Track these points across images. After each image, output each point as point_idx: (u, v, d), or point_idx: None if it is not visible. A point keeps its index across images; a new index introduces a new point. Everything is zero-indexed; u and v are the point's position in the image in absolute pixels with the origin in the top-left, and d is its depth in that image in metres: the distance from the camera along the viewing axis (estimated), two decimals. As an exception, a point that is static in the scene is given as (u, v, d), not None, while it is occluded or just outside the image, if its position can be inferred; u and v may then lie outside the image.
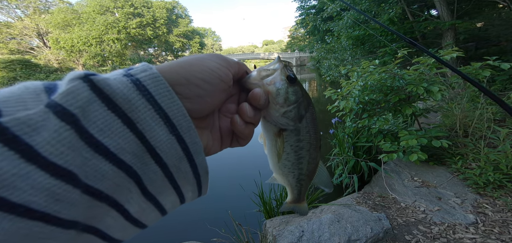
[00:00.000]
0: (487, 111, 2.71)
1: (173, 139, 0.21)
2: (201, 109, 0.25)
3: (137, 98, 0.20)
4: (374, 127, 2.65)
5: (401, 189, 2.23)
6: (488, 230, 1.53)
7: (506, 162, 2.01)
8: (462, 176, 2.20)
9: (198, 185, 0.25)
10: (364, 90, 2.52)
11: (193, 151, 0.23)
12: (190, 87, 0.24)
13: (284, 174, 0.39)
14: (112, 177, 0.18)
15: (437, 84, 2.27)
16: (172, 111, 0.21)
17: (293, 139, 0.34)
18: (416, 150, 2.21)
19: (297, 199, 0.46)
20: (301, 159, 0.36)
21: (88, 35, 33.71)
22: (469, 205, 1.84)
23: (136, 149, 0.20)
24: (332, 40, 7.47)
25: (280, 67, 0.31)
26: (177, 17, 46.86)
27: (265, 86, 0.30)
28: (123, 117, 0.19)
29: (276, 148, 0.35)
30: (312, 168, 0.39)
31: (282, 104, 0.31)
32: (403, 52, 2.42)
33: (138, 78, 0.21)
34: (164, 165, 0.21)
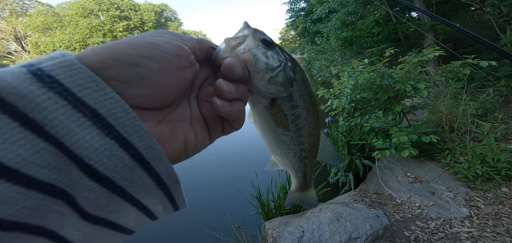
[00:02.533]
0: (469, 107, 2.84)
1: (113, 144, 0.16)
2: (154, 94, 0.20)
3: (39, 92, 0.14)
4: (366, 125, 2.68)
5: (395, 185, 2.25)
6: (482, 223, 1.57)
7: (492, 155, 2.09)
8: (452, 170, 2.26)
9: (169, 197, 0.21)
10: (355, 89, 2.56)
11: (149, 158, 0.18)
12: (124, 68, 0.19)
13: (283, 153, 0.34)
14: (17, 200, 0.13)
15: (423, 81, 2.35)
16: (104, 107, 0.16)
17: (286, 107, 0.30)
18: (407, 146, 2.26)
19: (303, 184, 0.41)
20: (300, 130, 0.32)
21: (71, 39, 32.63)
22: (461, 199, 1.88)
23: (53, 161, 0.15)
24: (322, 42, 7.67)
25: (251, 32, 0.28)
26: (166, 20, 46.36)
27: (239, 56, 0.26)
28: (21, 118, 0.14)
29: (270, 123, 0.31)
30: (313, 141, 0.35)
31: (265, 70, 0.27)
32: (390, 51, 2.49)
33: (41, 67, 0.15)
34: (104, 179, 0.16)
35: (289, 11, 13.70)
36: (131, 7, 39.49)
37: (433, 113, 3.13)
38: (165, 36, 0.22)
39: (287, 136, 0.32)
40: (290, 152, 0.34)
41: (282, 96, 0.29)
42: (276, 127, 0.31)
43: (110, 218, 0.18)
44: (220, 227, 2.08)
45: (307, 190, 0.44)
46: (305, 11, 12.01)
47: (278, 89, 0.28)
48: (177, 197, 0.22)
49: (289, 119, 0.31)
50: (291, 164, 0.37)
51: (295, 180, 0.42)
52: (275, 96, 0.29)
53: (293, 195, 0.46)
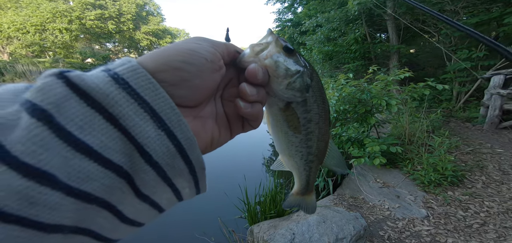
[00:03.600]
0: (423, 124, 3.39)
1: (163, 135, 0.20)
2: (192, 94, 0.24)
3: (117, 92, 0.18)
4: (344, 135, 2.96)
5: (368, 189, 2.54)
6: (437, 221, 1.90)
7: (441, 164, 2.54)
8: (412, 177, 2.66)
9: (195, 182, 0.24)
10: (338, 100, 2.81)
11: (187, 147, 0.22)
12: (172, 72, 0.22)
13: (291, 154, 0.36)
14: (100, 177, 0.17)
15: (394, 98, 2.72)
16: (158, 104, 0.20)
17: (300, 110, 0.32)
18: (378, 156, 2.58)
19: (305, 188, 0.41)
20: (310, 134, 0.33)
21: (25, 21, 27.69)
22: (420, 201, 2.23)
23: (123, 148, 0.18)
24: (305, 53, 8.14)
25: (274, 39, 0.30)
26: (148, 14, 42.74)
27: (262, 61, 0.28)
28: (104, 113, 0.18)
29: (282, 124, 0.33)
30: (322, 146, 0.36)
31: (284, 76, 0.29)
32: (373, 68, 2.80)
33: (116, 71, 0.19)
34: (155, 164, 0.20)
35: (276, 21, 14.09)
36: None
37: (396, 127, 3.62)
38: (201, 42, 0.25)
39: (297, 138, 0.33)
40: (297, 154, 0.35)
41: (298, 101, 0.31)
42: (288, 129, 0.33)
43: (153, 197, 0.21)
44: (207, 231, 2.03)
45: (307, 194, 0.44)
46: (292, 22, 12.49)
47: (294, 94, 0.30)
48: (201, 182, 0.25)
49: (301, 122, 0.32)
50: (297, 166, 0.37)
51: (297, 183, 0.42)
52: (291, 100, 0.31)
53: (293, 198, 0.45)
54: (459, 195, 2.30)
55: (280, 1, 12.70)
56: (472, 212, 2.06)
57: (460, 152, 3.28)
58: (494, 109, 3.88)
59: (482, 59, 4.48)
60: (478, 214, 2.03)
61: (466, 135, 3.92)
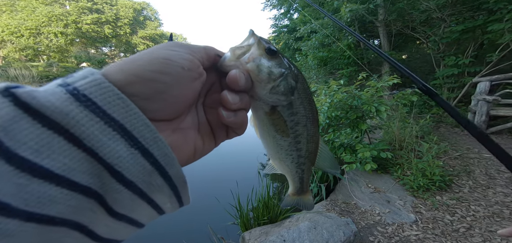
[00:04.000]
0: (413, 130, 3.48)
1: (137, 154, 0.19)
2: (170, 106, 0.23)
3: (78, 110, 0.17)
4: (337, 141, 3.00)
5: (359, 195, 2.58)
6: (425, 226, 1.94)
7: (429, 169, 2.60)
8: (402, 182, 2.72)
9: (177, 196, 0.24)
10: (330, 107, 2.86)
11: (165, 164, 0.21)
12: (144, 84, 0.21)
13: (281, 158, 0.35)
14: (65, 200, 0.16)
15: (383, 105, 2.79)
16: (130, 122, 0.19)
17: (286, 113, 0.31)
18: (369, 161, 2.63)
19: (300, 189, 0.41)
20: (299, 137, 0.33)
21: (20, 25, 27.42)
22: (409, 206, 2.28)
23: (90, 168, 0.17)
24: (301, 59, 8.26)
25: (256, 41, 0.28)
26: (145, 18, 42.62)
27: (243, 65, 0.27)
28: (64, 133, 0.16)
29: (269, 128, 0.32)
30: (312, 148, 0.35)
31: (268, 80, 0.28)
32: (363, 75, 2.87)
33: (76, 86, 0.18)
34: (129, 183, 0.19)
35: (273, 26, 14.30)
36: (106, 1, 35.25)
37: (387, 133, 3.69)
38: (176, 49, 0.23)
39: (285, 141, 0.32)
40: (288, 157, 0.35)
41: (283, 104, 0.30)
42: (275, 133, 0.32)
43: (130, 215, 0.21)
44: (197, 238, 2.02)
45: (303, 194, 0.44)
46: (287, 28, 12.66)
47: (279, 98, 0.29)
48: (183, 195, 0.24)
49: (289, 125, 0.31)
50: (289, 169, 0.37)
51: (291, 185, 0.42)
52: (276, 104, 0.30)
53: (289, 198, 0.45)
54: (446, 199, 2.36)
55: (276, 8, 12.92)
56: (459, 216, 2.12)
57: (448, 157, 3.37)
58: (481, 115, 4.01)
59: (468, 66, 4.64)
60: (465, 218, 2.08)
61: (454, 140, 4.03)
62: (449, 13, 4.54)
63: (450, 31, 4.59)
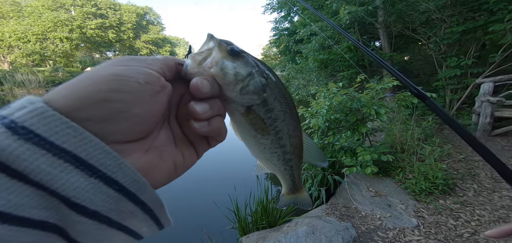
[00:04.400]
0: (415, 132, 3.42)
1: (98, 183, 0.18)
2: (135, 125, 0.21)
3: (16, 144, 0.15)
4: (337, 144, 2.97)
5: (360, 199, 2.53)
6: (427, 231, 1.89)
7: (432, 173, 2.54)
8: (403, 186, 2.66)
9: (154, 219, 0.22)
10: (329, 109, 2.83)
11: (135, 190, 0.20)
12: (97, 106, 0.19)
13: (267, 157, 0.34)
14: (15, 238, 0.15)
15: (383, 107, 2.75)
16: (85, 150, 0.17)
17: (262, 111, 0.30)
18: (370, 164, 2.59)
19: (293, 187, 0.41)
20: (280, 133, 0.32)
21: (27, 30, 28.24)
22: (411, 210, 2.22)
23: (43, 202, 0.16)
24: (302, 61, 8.25)
25: (216, 44, 0.27)
26: (148, 23, 43.49)
27: (206, 71, 0.26)
28: (5, 169, 0.15)
29: (248, 129, 0.31)
30: (295, 142, 0.34)
31: (235, 81, 0.27)
32: (361, 77, 2.85)
33: (14, 119, 0.16)
34: (92, 213, 0.18)
35: (273, 29, 14.41)
36: (110, 6, 36.14)
37: (388, 135, 3.64)
38: (128, 64, 0.22)
39: (267, 140, 0.32)
40: (273, 156, 0.34)
41: (257, 103, 0.29)
42: (255, 132, 0.31)
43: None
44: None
45: (298, 192, 0.43)
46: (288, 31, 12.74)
47: (251, 98, 0.28)
48: (161, 218, 0.23)
49: (267, 123, 0.30)
50: (277, 168, 0.36)
51: (284, 184, 0.41)
52: (250, 104, 0.29)
53: (285, 198, 0.45)
54: (450, 203, 2.30)
55: (276, 11, 13.01)
56: (463, 221, 2.05)
57: (452, 160, 3.29)
58: (485, 117, 3.93)
59: (471, 67, 4.57)
60: (469, 223, 2.02)
61: (458, 143, 3.95)
62: (449, 14, 4.50)
63: (450, 32, 4.53)
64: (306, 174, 3.00)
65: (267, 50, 23.04)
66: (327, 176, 2.82)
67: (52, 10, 32.24)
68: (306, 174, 3.02)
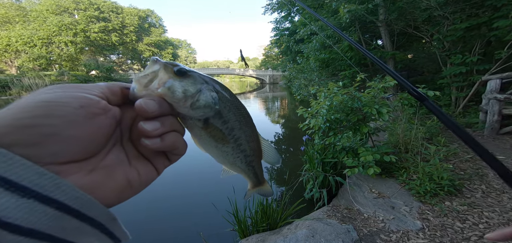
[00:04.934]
0: (419, 131, 3.33)
1: (32, 202, 0.18)
2: (72, 147, 0.21)
3: None
4: (338, 144, 2.91)
5: (362, 200, 2.46)
6: (432, 234, 1.82)
7: (437, 173, 2.46)
8: (407, 187, 2.58)
9: (106, 233, 0.22)
10: (330, 109, 2.78)
11: (78, 207, 0.20)
12: (22, 132, 0.19)
13: (230, 162, 0.37)
14: None
15: (385, 106, 2.69)
16: (15, 173, 0.18)
17: (219, 123, 0.32)
18: (372, 165, 2.52)
19: (257, 182, 0.45)
20: (239, 140, 0.34)
21: (32, 35, 29.23)
22: (415, 212, 2.15)
23: None
24: (303, 61, 8.19)
25: (162, 66, 0.28)
26: (150, 25, 44.21)
27: (155, 93, 0.27)
28: None
29: (209, 141, 0.33)
30: (254, 146, 0.38)
31: (183, 98, 0.28)
32: (361, 76, 2.79)
33: None
34: (29, 231, 0.17)
35: (274, 30, 14.42)
36: (112, 9, 36.93)
37: (392, 135, 3.56)
38: (62, 90, 0.22)
39: (228, 147, 0.34)
40: (236, 160, 0.36)
41: (211, 116, 0.31)
42: (216, 143, 0.33)
43: None
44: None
45: (261, 185, 0.47)
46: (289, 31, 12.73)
47: (204, 111, 0.29)
48: (115, 231, 0.23)
49: (225, 133, 0.32)
50: (241, 170, 0.40)
51: (249, 181, 0.45)
52: (205, 117, 0.30)
53: (250, 191, 0.50)
54: (457, 205, 2.22)
55: (277, 11, 13.00)
56: (471, 223, 1.97)
57: (459, 160, 3.20)
58: (493, 114, 3.81)
59: (477, 64, 4.45)
60: (477, 226, 1.94)
61: (465, 141, 3.84)
62: (451, 11, 4.40)
63: (454, 29, 4.43)
64: (307, 175, 2.95)
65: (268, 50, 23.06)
66: (328, 177, 2.76)
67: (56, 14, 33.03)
68: (307, 175, 2.97)
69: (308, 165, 3.04)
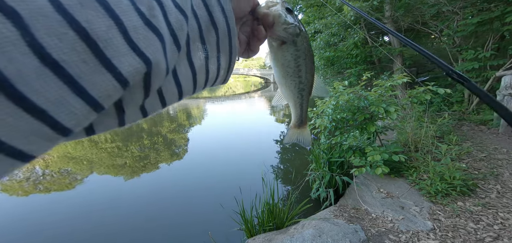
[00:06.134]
0: (430, 129, 3.23)
1: None
2: (237, 10, 0.31)
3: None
4: (345, 144, 2.87)
5: (370, 200, 2.43)
6: (444, 235, 1.77)
7: (449, 173, 2.39)
8: (417, 187, 2.52)
9: (229, 44, 0.29)
10: (335, 109, 2.75)
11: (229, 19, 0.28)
12: None
13: (287, 83, 0.46)
14: None
15: (393, 105, 2.63)
16: None
17: (292, 49, 0.42)
18: (380, 164, 2.47)
19: (300, 119, 0.52)
20: (300, 66, 0.44)
21: None
22: (426, 213, 2.10)
23: None
24: None
25: (281, 1, 0.41)
26: None
27: (271, 11, 0.39)
28: None
29: (280, 58, 0.43)
30: (309, 78, 0.47)
31: (284, 22, 0.39)
32: (367, 75, 2.75)
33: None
34: None
35: None
36: None
37: (401, 134, 3.48)
38: None
39: (290, 68, 0.44)
40: (292, 82, 0.45)
41: (291, 40, 0.41)
42: (284, 61, 0.43)
43: (209, 59, 0.28)
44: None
45: (303, 126, 0.53)
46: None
47: (288, 35, 0.41)
48: (233, 41, 0.30)
49: (293, 56, 0.43)
50: (292, 95, 0.47)
51: (294, 114, 0.51)
52: (285, 40, 0.41)
53: (291, 131, 0.55)
54: (470, 205, 2.14)
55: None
56: (485, 224, 1.90)
57: (472, 159, 3.09)
58: (508, 111, 3.65)
59: (490, 59, 4.28)
60: (491, 227, 1.87)
61: (479, 140, 3.70)
62: (461, 6, 4.25)
63: (464, 24, 4.28)
64: (314, 175, 2.93)
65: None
66: (335, 177, 2.73)
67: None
68: (313, 175, 2.96)
69: (314, 165, 3.02)
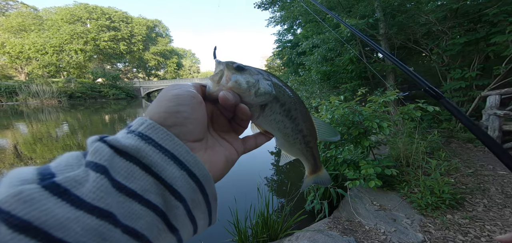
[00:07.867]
0: (420, 145, 3.35)
1: (185, 174, 0.24)
2: (195, 127, 0.28)
3: (145, 146, 0.23)
4: (340, 157, 2.94)
5: (364, 212, 2.47)
6: (433, 247, 1.82)
7: (438, 187, 2.47)
8: (409, 200, 2.58)
9: (209, 213, 0.28)
10: (331, 123, 2.84)
11: (204, 182, 0.26)
12: (174, 116, 0.27)
13: (290, 143, 0.41)
14: (144, 216, 0.21)
15: (386, 120, 2.74)
16: (177, 150, 0.25)
17: (277, 107, 0.37)
18: (373, 178, 2.54)
19: (315, 166, 0.47)
20: (296, 120, 0.39)
21: (45, 42, 30.34)
22: (417, 225, 2.15)
23: (157, 189, 0.23)
24: (304, 73, 8.33)
25: (225, 66, 0.34)
26: (157, 35, 45.39)
27: (226, 87, 0.33)
28: (139, 164, 0.22)
29: (271, 124, 0.38)
30: (309, 125, 0.42)
31: (248, 88, 0.33)
32: (362, 90, 2.86)
33: (140, 131, 0.24)
34: (183, 200, 0.24)
35: (277, 42, 14.71)
36: (123, 19, 38.25)
37: (393, 148, 3.58)
38: (180, 86, 0.30)
39: (288, 128, 0.39)
40: (296, 141, 0.41)
41: (270, 100, 0.35)
42: (278, 125, 0.38)
43: (180, 231, 0.25)
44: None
45: (319, 170, 0.49)
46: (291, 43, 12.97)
47: (265, 98, 0.34)
48: (213, 212, 0.29)
49: (283, 114, 0.37)
50: (301, 150, 0.43)
51: (307, 165, 0.47)
52: (265, 102, 0.35)
53: (308, 179, 0.50)
54: (458, 218, 2.21)
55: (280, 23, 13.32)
56: (472, 236, 1.97)
57: (460, 175, 3.19)
58: (493, 130, 3.83)
59: (476, 79, 4.52)
60: (479, 239, 1.93)
61: (467, 157, 3.84)
62: (450, 26, 4.52)
63: (452, 44, 4.53)
64: (308, 187, 2.96)
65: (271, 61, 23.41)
66: (329, 189, 2.77)
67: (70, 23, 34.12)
68: (308, 187, 2.98)
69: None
